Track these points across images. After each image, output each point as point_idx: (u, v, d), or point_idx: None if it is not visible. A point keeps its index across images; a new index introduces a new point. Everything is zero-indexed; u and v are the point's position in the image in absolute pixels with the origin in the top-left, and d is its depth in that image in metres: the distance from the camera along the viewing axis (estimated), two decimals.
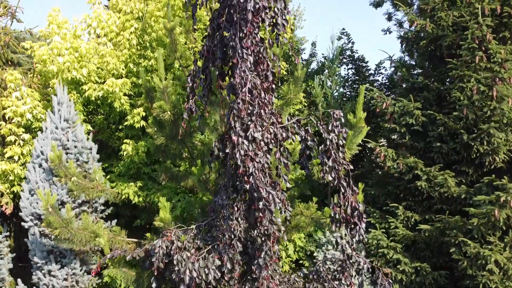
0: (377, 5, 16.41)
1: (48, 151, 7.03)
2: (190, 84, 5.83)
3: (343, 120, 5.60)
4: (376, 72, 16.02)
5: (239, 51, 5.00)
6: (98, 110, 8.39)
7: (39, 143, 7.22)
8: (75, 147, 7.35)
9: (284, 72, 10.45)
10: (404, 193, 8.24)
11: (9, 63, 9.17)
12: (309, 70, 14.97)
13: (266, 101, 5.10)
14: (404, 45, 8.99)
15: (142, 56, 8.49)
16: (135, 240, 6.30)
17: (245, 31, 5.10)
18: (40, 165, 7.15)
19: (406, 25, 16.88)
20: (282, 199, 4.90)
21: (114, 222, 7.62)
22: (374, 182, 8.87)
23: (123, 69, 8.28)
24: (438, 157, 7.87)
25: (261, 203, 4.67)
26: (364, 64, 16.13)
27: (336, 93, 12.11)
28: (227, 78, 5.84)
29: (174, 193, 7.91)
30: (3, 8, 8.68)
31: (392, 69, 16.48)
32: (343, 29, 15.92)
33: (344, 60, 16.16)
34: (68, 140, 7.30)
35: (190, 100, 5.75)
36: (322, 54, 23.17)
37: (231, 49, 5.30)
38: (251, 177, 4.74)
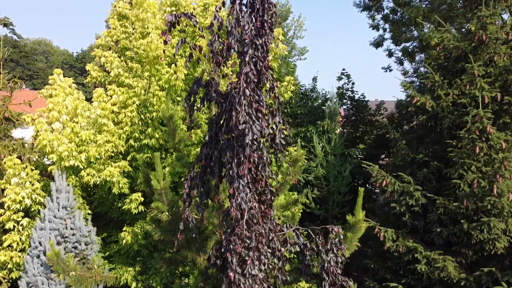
0: (377, 45, 16.46)
1: (46, 243, 7.02)
2: (187, 190, 5.80)
3: (342, 237, 5.59)
4: (377, 112, 16.07)
5: (236, 182, 4.98)
6: (97, 191, 8.38)
7: (37, 233, 7.21)
8: (73, 235, 7.34)
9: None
10: (404, 270, 8.20)
11: (7, 135, 9.21)
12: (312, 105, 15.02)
13: (264, 230, 5.08)
14: (404, 120, 8.95)
15: (143, 132, 8.49)
16: None
17: (242, 159, 5.07)
18: (38, 256, 7.14)
19: (406, 63, 16.96)
20: None
21: None
22: (373, 254, 8.83)
23: (123, 146, 8.27)
24: (438, 239, 7.82)
25: None
26: (363, 99, 16.18)
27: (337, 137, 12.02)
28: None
29: (171, 275, 7.90)
30: (3, 82, 8.71)
31: (393, 108, 16.56)
32: (343, 69, 15.92)
33: (344, 101, 16.23)
34: (66, 228, 7.29)
35: (187, 209, 5.72)
36: (323, 89, 23.14)
37: (227, 170, 5.28)
38: None
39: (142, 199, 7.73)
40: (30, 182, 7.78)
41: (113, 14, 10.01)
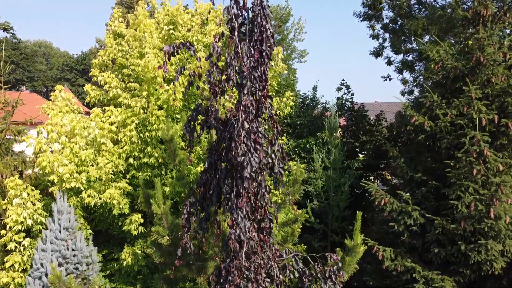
0: (377, 54, 16.52)
1: (48, 265, 7.08)
2: (186, 216, 5.86)
3: (340, 264, 5.66)
4: (376, 123, 16.12)
5: (235, 213, 5.04)
6: (97, 210, 8.44)
7: (39, 254, 7.27)
8: (75, 256, 7.40)
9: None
10: None
11: (9, 149, 9.28)
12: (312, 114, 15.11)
13: (262, 261, 5.14)
14: (403, 134, 9.01)
15: (142, 150, 8.55)
16: None
17: (241, 190, 5.13)
18: (40, 278, 7.21)
19: (406, 72, 17.03)
20: None
21: None
22: (372, 271, 8.90)
23: (122, 165, 8.34)
24: (436, 259, 7.89)
25: None
26: (362, 108, 16.25)
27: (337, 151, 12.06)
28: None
29: None
30: (5, 100, 8.79)
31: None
32: (343, 79, 15.98)
33: (344, 111, 16.30)
34: (68, 249, 7.36)
35: (185, 235, 5.78)
36: (322, 96, 23.17)
37: (226, 199, 5.34)
38: None
39: (142, 220, 7.80)
40: (32, 202, 7.85)
41: (108, 33, 10.09)
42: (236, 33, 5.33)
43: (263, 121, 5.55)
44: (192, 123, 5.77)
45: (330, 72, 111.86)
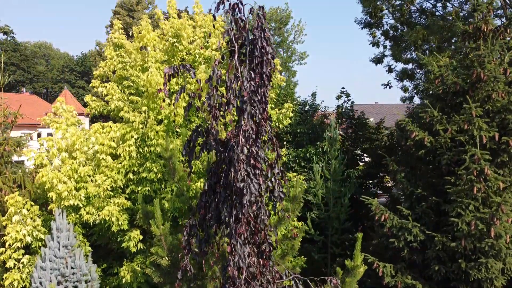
0: (377, 61, 16.50)
1: (47, 284, 7.06)
2: (186, 238, 5.83)
3: (340, 287, 5.63)
4: (376, 131, 16.11)
5: (234, 239, 5.01)
6: (96, 226, 8.42)
7: (38, 272, 7.25)
8: (74, 274, 7.38)
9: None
10: None
11: (8, 162, 9.27)
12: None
13: (262, 286, 5.12)
14: (404, 155, 8.99)
15: (141, 165, 8.53)
16: None
17: (240, 216, 5.11)
18: None
19: (406, 82, 17.01)
20: None
21: None
22: (372, 283, 8.88)
23: (121, 180, 8.31)
24: (436, 276, 7.86)
25: None
26: (363, 116, 16.24)
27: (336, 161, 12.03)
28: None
29: None
30: (5, 115, 8.77)
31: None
32: (343, 87, 15.97)
33: (343, 119, 16.29)
34: (67, 267, 7.34)
35: (185, 257, 5.75)
36: (322, 101, 23.13)
37: (226, 224, 5.31)
38: None
39: (141, 236, 7.77)
40: (31, 218, 7.83)
41: (109, 45, 10.10)
42: (236, 55, 5.31)
43: (263, 144, 5.53)
44: (191, 144, 5.75)
45: (330, 73, 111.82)
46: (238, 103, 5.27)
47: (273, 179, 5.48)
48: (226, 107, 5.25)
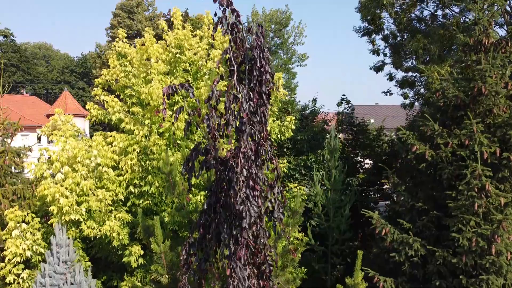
0: (377, 69, 16.47)
1: None
2: (185, 256, 5.81)
3: None
4: (377, 138, 16.08)
5: (233, 262, 4.98)
6: (97, 240, 8.41)
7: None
8: None
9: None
10: None
11: (8, 172, 9.26)
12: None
13: None
14: (405, 165, 8.96)
15: (143, 178, 8.52)
16: None
17: (239, 239, 5.09)
18: None
19: (406, 89, 16.97)
20: None
21: None
22: None
23: (123, 193, 8.30)
24: None
25: None
26: (363, 123, 16.22)
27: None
28: None
29: None
30: (5, 126, 8.77)
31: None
32: (343, 95, 15.96)
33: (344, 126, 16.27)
34: (66, 283, 7.32)
35: (184, 276, 5.73)
36: (322, 105, 23.21)
37: (225, 245, 5.29)
38: None
39: (142, 252, 7.76)
40: (31, 232, 7.81)
41: (112, 54, 10.09)
42: (235, 76, 5.29)
43: (262, 162, 5.50)
44: (190, 162, 5.72)
45: (330, 74, 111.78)
46: (237, 123, 5.24)
47: (272, 200, 5.46)
48: (225, 128, 5.23)
